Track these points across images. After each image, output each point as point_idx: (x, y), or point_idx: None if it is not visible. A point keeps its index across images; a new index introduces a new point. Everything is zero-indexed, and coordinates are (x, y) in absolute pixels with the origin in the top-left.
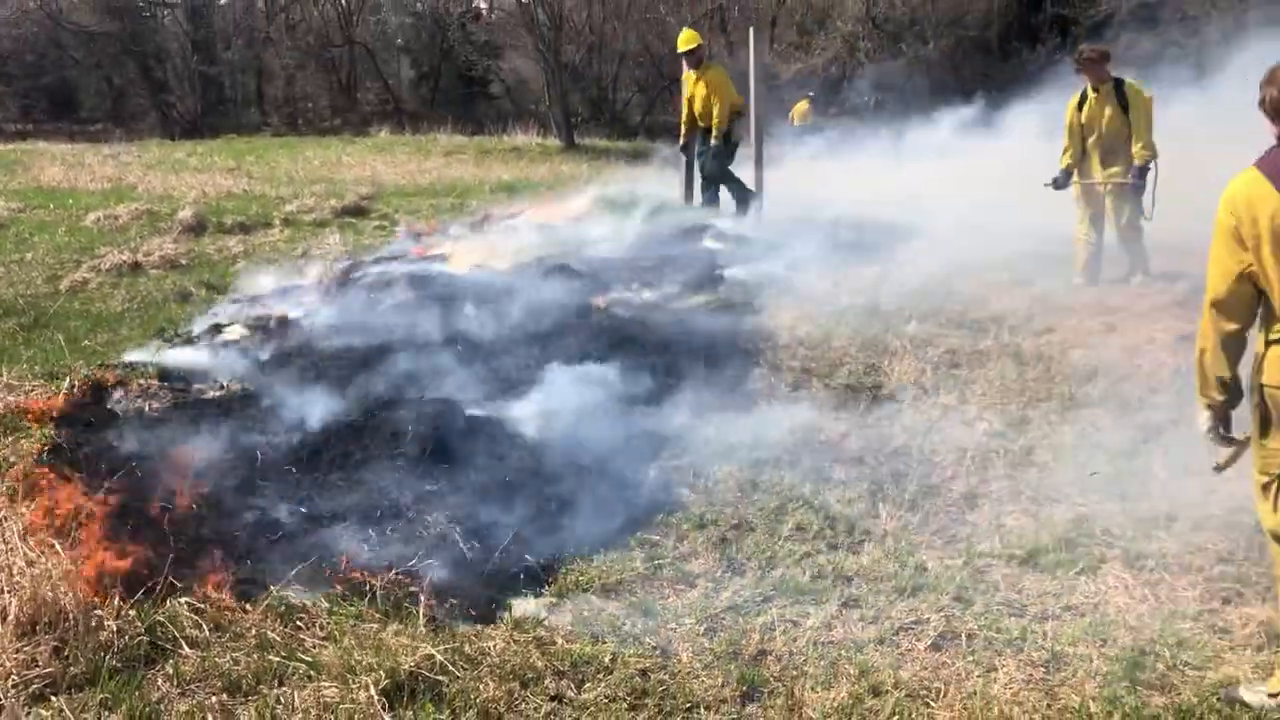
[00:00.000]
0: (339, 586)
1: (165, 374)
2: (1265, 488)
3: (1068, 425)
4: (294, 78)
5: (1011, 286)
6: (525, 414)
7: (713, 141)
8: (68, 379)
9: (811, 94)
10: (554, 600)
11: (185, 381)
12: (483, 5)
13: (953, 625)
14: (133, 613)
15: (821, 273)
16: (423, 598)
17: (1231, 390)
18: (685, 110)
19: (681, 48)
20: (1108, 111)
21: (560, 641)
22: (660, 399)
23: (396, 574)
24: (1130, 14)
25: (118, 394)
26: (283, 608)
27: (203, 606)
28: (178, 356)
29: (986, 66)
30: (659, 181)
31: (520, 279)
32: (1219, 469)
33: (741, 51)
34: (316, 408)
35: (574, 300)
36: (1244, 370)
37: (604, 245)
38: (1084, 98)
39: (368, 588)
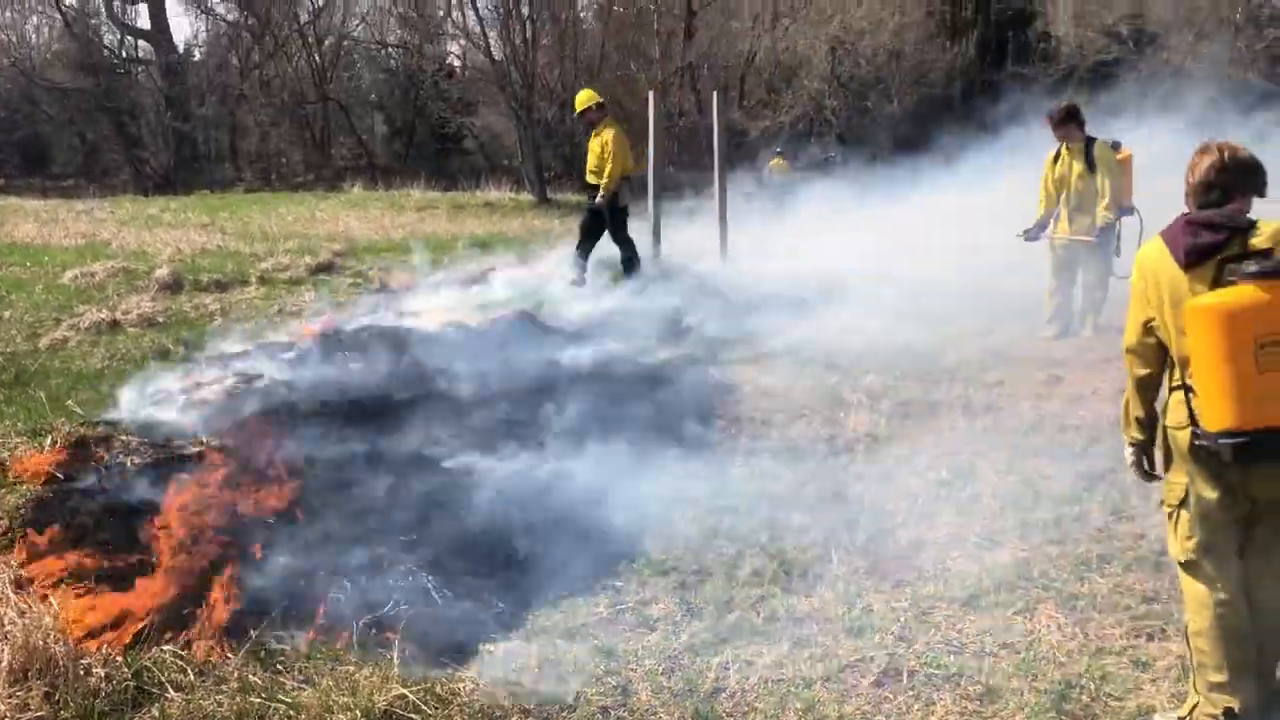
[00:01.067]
0: (317, 632)
1: (145, 430)
2: (1170, 517)
3: (1013, 474)
4: (268, 133)
5: (967, 339)
6: (495, 466)
7: (598, 200)
8: (50, 436)
9: (779, 150)
10: (521, 643)
11: (165, 438)
12: (456, 62)
13: (895, 663)
14: (120, 659)
15: (784, 327)
16: (396, 641)
17: (1148, 430)
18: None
19: (578, 108)
20: (1076, 169)
21: (526, 682)
22: (626, 451)
23: (372, 619)
24: (1090, 70)
25: (100, 450)
26: (263, 652)
27: (187, 652)
28: (157, 414)
29: (949, 123)
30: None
31: (490, 335)
32: (1139, 477)
33: (712, 107)
34: (292, 461)
35: (542, 355)
36: None
37: (573, 301)
38: (1059, 155)
39: (345, 633)
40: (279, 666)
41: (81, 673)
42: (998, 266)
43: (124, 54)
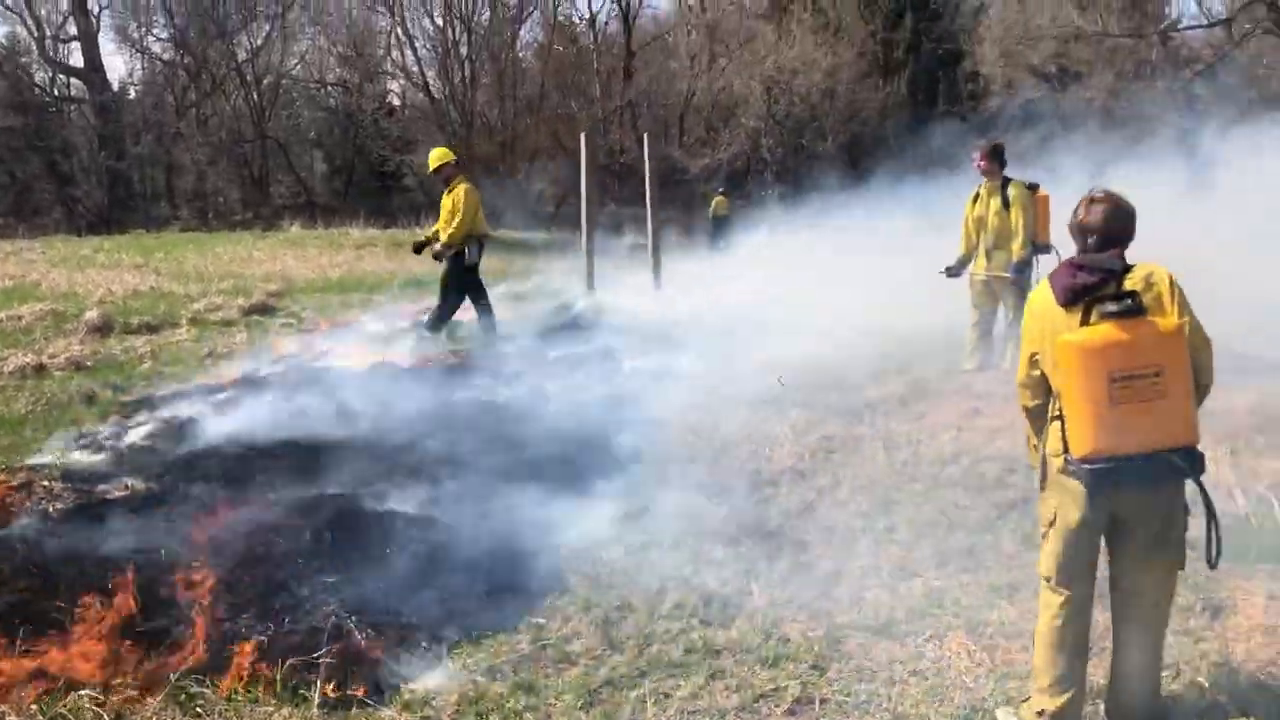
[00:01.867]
0: (237, 675)
1: (69, 476)
2: (1044, 535)
3: (929, 505)
4: (205, 172)
5: (891, 373)
6: (422, 506)
7: (435, 248)
8: None
9: (722, 190)
10: (443, 680)
11: (89, 483)
12: (395, 101)
13: (808, 691)
14: (35, 707)
15: (715, 363)
16: (318, 681)
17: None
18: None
19: (432, 165)
20: (994, 207)
21: (445, 719)
22: (555, 487)
23: (294, 661)
24: (1018, 108)
25: (21, 497)
26: (184, 696)
27: (103, 699)
28: (82, 459)
29: (882, 160)
30: (567, 273)
31: (421, 375)
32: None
33: (651, 145)
34: (218, 504)
35: (466, 395)
36: None
37: (509, 339)
38: (978, 194)
39: (266, 674)
40: (198, 711)
41: None
42: (922, 302)
43: (56, 92)
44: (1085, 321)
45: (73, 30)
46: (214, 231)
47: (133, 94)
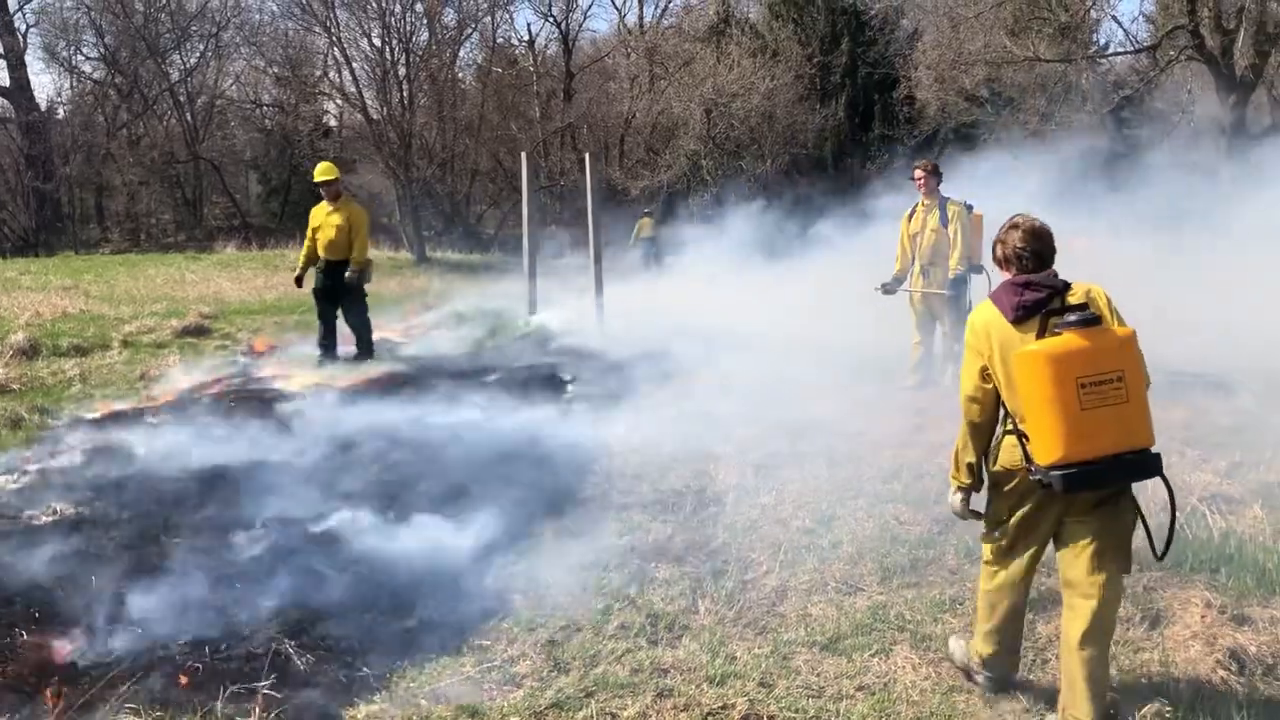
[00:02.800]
0: (174, 706)
1: None
2: (985, 538)
3: (872, 520)
4: (137, 193)
5: (831, 391)
6: (362, 528)
7: (349, 274)
8: None
9: (649, 210)
10: (385, 705)
11: (15, 508)
12: (332, 122)
13: (756, 708)
14: None
15: (658, 383)
16: (257, 710)
17: (976, 476)
18: (309, 243)
19: (320, 177)
20: (930, 224)
21: None
22: (496, 508)
23: (233, 690)
24: (952, 131)
25: None
26: None
27: None
28: (6, 483)
29: (820, 181)
30: (508, 296)
31: (361, 398)
32: (965, 517)
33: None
34: (151, 529)
35: (410, 416)
36: None
37: (451, 361)
38: (913, 212)
39: (203, 704)
40: None
41: None
42: (864, 321)
43: None
44: (1042, 334)
45: None
46: (146, 253)
47: (61, 114)
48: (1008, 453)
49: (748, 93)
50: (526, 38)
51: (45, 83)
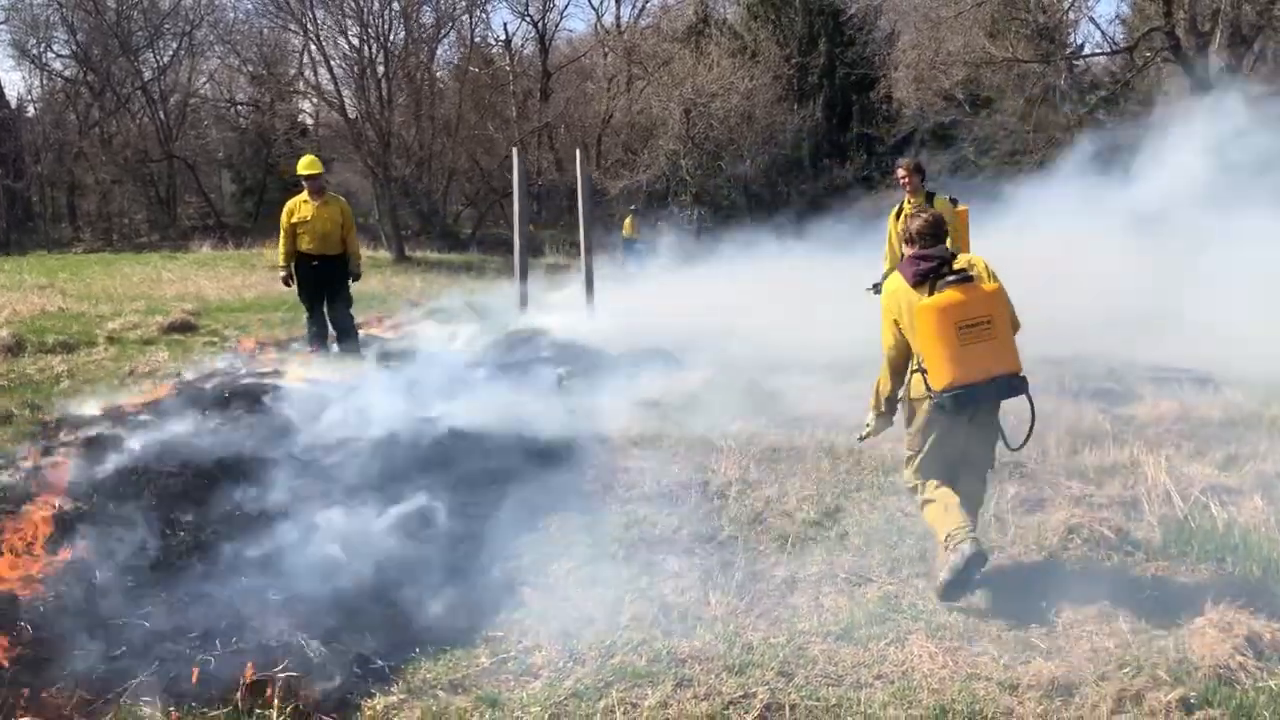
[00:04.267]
0: (187, 698)
1: None
2: (908, 460)
3: (875, 513)
4: (109, 192)
5: (826, 386)
6: (367, 522)
7: (354, 269)
8: None
9: (635, 208)
10: (403, 697)
11: (13, 504)
12: (308, 120)
13: (777, 697)
14: None
15: (652, 379)
16: (276, 701)
17: (890, 406)
18: (289, 238)
19: (305, 171)
20: None
21: None
22: (500, 503)
23: (247, 682)
24: (929, 132)
25: None
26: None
27: None
28: (3, 477)
29: (799, 181)
30: (493, 292)
31: (356, 391)
32: (862, 439)
33: (569, 167)
34: (154, 524)
35: (413, 409)
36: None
37: (443, 356)
38: (900, 209)
39: (220, 696)
40: None
41: None
42: (850, 317)
43: None
44: (932, 293)
45: None
46: (119, 253)
47: (32, 111)
48: (916, 387)
49: (726, 93)
50: (503, 37)
51: (15, 80)
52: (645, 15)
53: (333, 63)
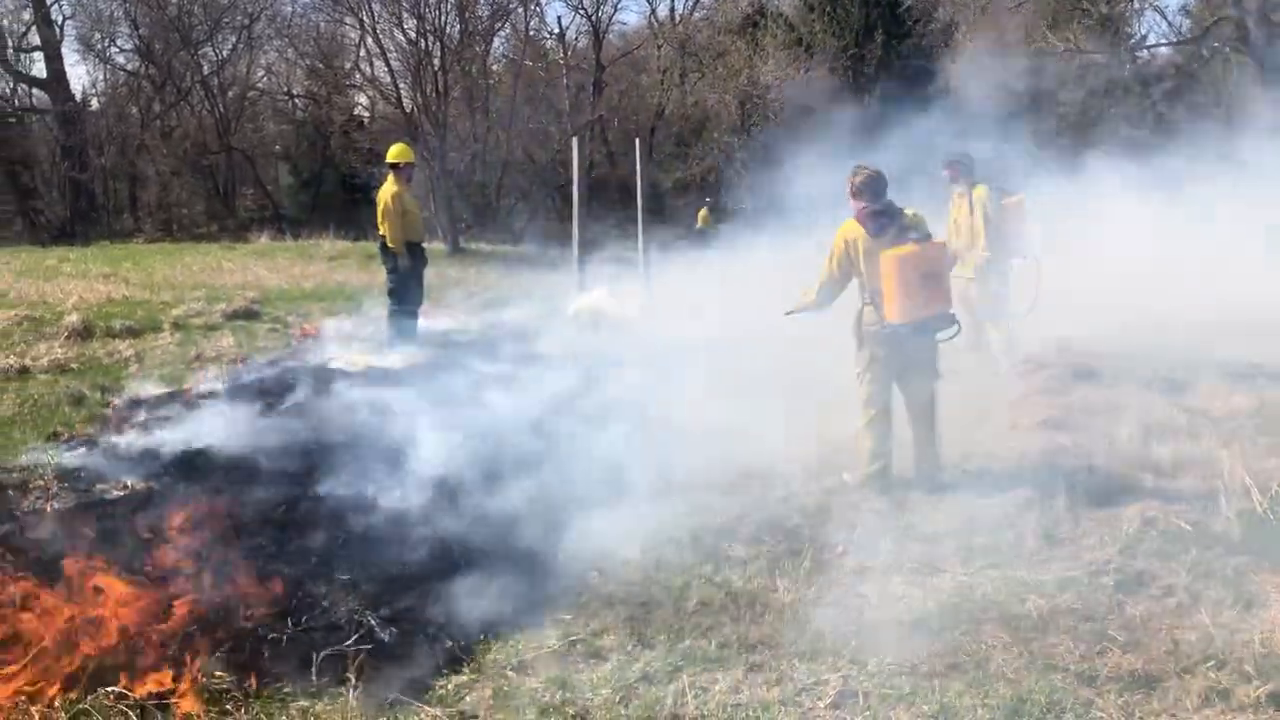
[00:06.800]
0: (263, 673)
1: (64, 475)
2: (859, 376)
3: (944, 504)
4: (169, 184)
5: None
6: (438, 506)
7: (401, 261)
8: None
9: (709, 200)
10: (474, 677)
11: (86, 482)
12: (365, 113)
13: (850, 685)
14: (56, 703)
15: (719, 368)
16: (351, 677)
17: (814, 304)
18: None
19: (401, 159)
20: (963, 211)
21: (482, 714)
22: (563, 488)
23: (319, 658)
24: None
25: (17, 495)
26: (207, 695)
27: (128, 693)
28: (77, 458)
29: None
30: (551, 283)
31: (418, 377)
32: (789, 313)
33: (622, 160)
34: (224, 504)
35: (474, 395)
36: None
37: (506, 343)
38: (952, 199)
39: (296, 670)
40: (228, 707)
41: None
42: None
43: (17, 103)
44: (898, 243)
45: (35, 41)
46: (179, 243)
47: (96, 105)
48: (867, 316)
49: (781, 85)
50: (557, 30)
51: (80, 74)
52: (700, 8)
53: (389, 56)
